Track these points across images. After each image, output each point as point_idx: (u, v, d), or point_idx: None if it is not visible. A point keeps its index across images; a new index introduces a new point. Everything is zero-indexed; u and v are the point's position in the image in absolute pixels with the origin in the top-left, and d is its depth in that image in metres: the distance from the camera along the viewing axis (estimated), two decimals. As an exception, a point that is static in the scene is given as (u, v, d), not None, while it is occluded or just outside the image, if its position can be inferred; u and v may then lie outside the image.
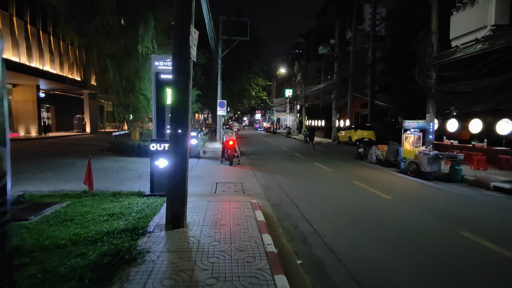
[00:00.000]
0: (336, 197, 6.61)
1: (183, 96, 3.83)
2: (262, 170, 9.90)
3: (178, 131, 3.84)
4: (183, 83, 3.83)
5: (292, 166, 10.99)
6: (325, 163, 11.76)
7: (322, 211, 5.52)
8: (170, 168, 3.88)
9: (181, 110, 3.84)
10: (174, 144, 3.85)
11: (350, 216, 5.21)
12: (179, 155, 3.85)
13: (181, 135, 3.84)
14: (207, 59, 20.98)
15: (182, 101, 3.83)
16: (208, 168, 9.82)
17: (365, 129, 18.36)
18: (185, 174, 3.93)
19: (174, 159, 3.85)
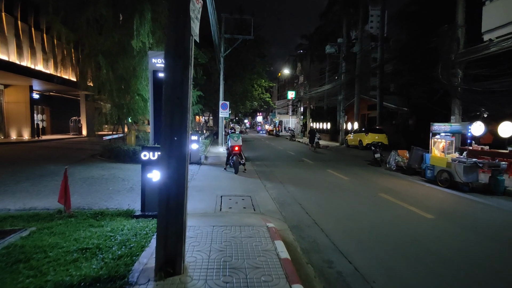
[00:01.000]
0: (366, 215, 5.49)
1: (180, 88, 2.72)
2: (271, 179, 8.79)
3: (174, 137, 2.73)
4: (181, 71, 2.72)
5: (303, 174, 9.88)
6: (339, 170, 10.64)
7: (356, 237, 4.40)
8: (162, 188, 2.76)
9: (177, 108, 2.73)
10: (167, 154, 2.74)
11: (394, 246, 4.09)
12: (175, 169, 2.74)
13: (177, 143, 2.73)
14: (209, 58, 20.01)
15: (179, 95, 2.72)
16: (210, 176, 8.71)
17: (377, 132, 17.25)
18: (183, 196, 2.81)
19: (168, 175, 2.74)
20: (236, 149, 9.31)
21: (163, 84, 2.71)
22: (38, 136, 20.86)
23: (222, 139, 18.90)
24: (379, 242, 4.23)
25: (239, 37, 20.04)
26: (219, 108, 18.32)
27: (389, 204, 6.27)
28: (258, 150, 18.19)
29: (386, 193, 7.14)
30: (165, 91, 2.70)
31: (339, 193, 7.29)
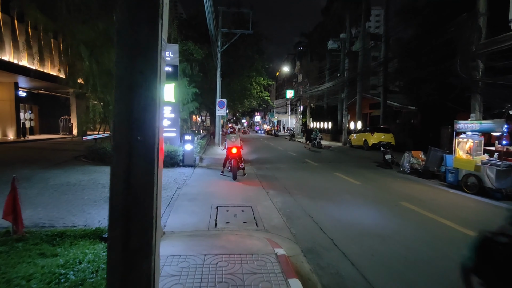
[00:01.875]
0: (393, 232, 4.49)
1: (145, 56, 1.67)
2: (275, 184, 7.78)
3: (136, 137, 1.67)
4: (145, 24, 1.66)
5: (309, 178, 8.88)
6: (348, 173, 9.66)
7: (390, 265, 3.40)
8: (115, 224, 1.71)
9: (140, 90, 1.67)
10: (124, 168, 1.67)
11: (445, 279, 3.10)
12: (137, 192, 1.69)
13: (142, 146, 1.68)
14: (205, 54, 19.01)
15: (142, 69, 1.66)
16: (205, 182, 7.68)
17: (383, 132, 16.29)
18: (151, 240, 1.76)
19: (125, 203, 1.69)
20: (234, 152, 8.13)
21: (116, 48, 1.67)
22: (24, 136, 19.69)
23: (219, 139, 17.88)
24: (424, 274, 3.23)
25: (237, 31, 19.03)
26: (216, 106, 17.30)
27: (417, 216, 5.28)
28: (258, 150, 17.18)
29: (409, 202, 6.16)
30: (118, 59, 1.66)
31: (354, 201, 6.29)
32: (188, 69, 14.75)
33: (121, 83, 1.63)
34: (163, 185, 6.93)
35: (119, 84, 1.62)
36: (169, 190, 6.53)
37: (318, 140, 20.37)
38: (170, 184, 7.15)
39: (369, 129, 17.25)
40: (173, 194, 6.19)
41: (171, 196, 6.03)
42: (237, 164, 8.18)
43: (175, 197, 5.93)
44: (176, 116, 10.48)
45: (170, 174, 8.38)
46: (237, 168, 8.14)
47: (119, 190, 1.65)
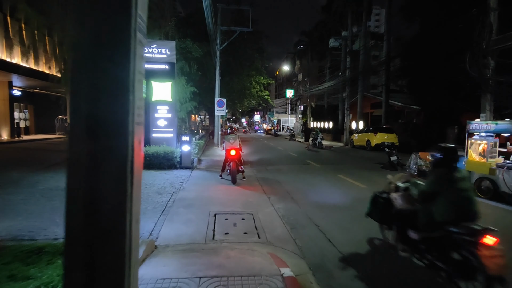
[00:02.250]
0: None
1: (113, 37, 1.25)
2: (276, 188, 7.37)
3: (103, 141, 1.25)
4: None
5: (312, 181, 8.48)
6: (352, 175, 9.26)
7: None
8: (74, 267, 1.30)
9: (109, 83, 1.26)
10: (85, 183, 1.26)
11: None
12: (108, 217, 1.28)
13: (110, 153, 1.25)
14: (204, 53, 18.58)
15: (111, 55, 1.24)
16: (203, 186, 7.26)
17: (386, 132, 15.89)
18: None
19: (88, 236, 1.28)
20: (233, 154, 7.66)
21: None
22: (18, 136, 19.26)
23: (218, 139, 17.46)
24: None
25: (236, 29, 18.61)
26: (215, 106, 16.89)
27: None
28: (258, 151, 16.76)
29: (420, 208, 5.76)
30: (75, 33, 1.23)
31: (361, 207, 5.87)
32: (186, 67, 14.32)
33: (79, 69, 1.20)
34: (159, 190, 6.52)
35: (77, 71, 1.20)
36: (165, 195, 6.11)
37: (319, 140, 19.97)
38: (166, 188, 6.74)
39: (371, 129, 16.84)
40: (169, 199, 5.78)
41: (166, 201, 5.62)
42: (236, 167, 7.72)
43: (171, 203, 5.52)
44: (173, 116, 10.06)
45: (166, 177, 7.96)
46: (236, 171, 7.68)
47: (78, 219, 1.23)
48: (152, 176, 7.97)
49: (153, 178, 7.79)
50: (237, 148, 7.80)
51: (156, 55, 9.87)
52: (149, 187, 6.70)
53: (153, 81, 9.83)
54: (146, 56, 9.80)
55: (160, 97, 9.93)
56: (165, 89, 9.94)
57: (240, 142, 8.17)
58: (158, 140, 9.89)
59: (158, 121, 9.99)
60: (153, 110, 9.91)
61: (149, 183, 7.09)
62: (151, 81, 9.80)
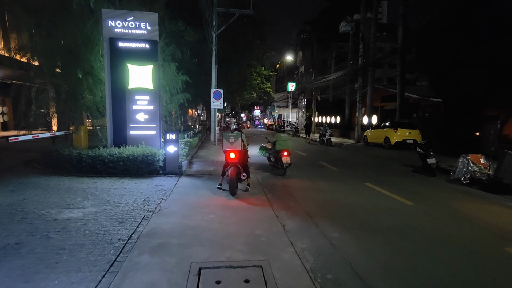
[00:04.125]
0: None
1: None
2: (291, 206, 5.34)
3: None
4: None
5: (336, 194, 6.45)
6: (384, 184, 7.24)
7: None
8: None
9: None
10: None
11: None
12: None
13: None
14: (200, 39, 16.47)
15: None
16: (189, 204, 5.21)
17: (408, 128, 13.82)
18: None
19: None
20: (232, 157, 5.84)
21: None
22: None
23: (215, 137, 15.40)
24: None
25: (235, 11, 16.41)
26: (211, 98, 14.79)
27: None
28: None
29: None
30: None
31: (423, 242, 3.87)
32: (178, 53, 12.23)
33: None
34: (123, 213, 4.48)
35: None
36: (128, 224, 4.08)
37: (328, 137, 17.96)
38: (135, 209, 4.70)
39: (390, 124, 14.73)
40: (131, 234, 3.74)
41: (125, 239, 3.58)
42: (236, 175, 5.78)
43: (131, 243, 3.49)
44: (155, 108, 7.99)
45: (142, 189, 5.92)
46: (236, 180, 5.75)
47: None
48: (123, 188, 5.93)
49: (123, 191, 5.74)
50: (237, 150, 5.86)
51: (133, 30, 7.75)
52: (110, 209, 4.66)
53: (130, 63, 7.73)
54: (120, 32, 7.70)
55: (138, 84, 7.84)
56: (145, 74, 7.85)
57: (244, 142, 6.16)
58: (137, 139, 7.84)
59: (137, 115, 7.92)
60: (130, 101, 7.83)
61: (113, 201, 5.05)
62: (126, 64, 7.70)
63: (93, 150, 7.29)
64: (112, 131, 7.89)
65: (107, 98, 7.80)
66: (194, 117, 35.93)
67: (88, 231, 3.76)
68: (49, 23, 7.86)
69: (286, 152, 8.02)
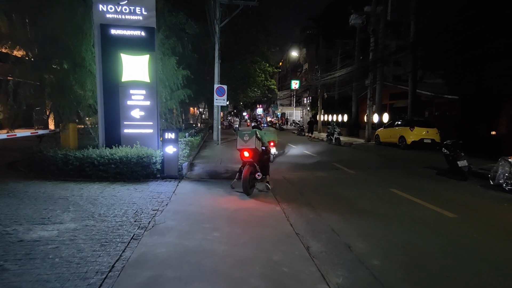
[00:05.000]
0: None
1: None
2: (312, 219, 4.46)
3: None
4: None
5: (360, 203, 5.56)
6: (411, 190, 6.35)
7: None
8: None
9: None
10: None
11: None
12: None
13: None
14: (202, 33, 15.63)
15: None
16: (191, 216, 4.32)
17: (426, 126, 12.87)
18: None
19: None
20: (246, 156, 5.55)
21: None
22: (-17, 131, 16.35)
23: (218, 136, 14.52)
24: None
25: (239, 2, 15.50)
26: (214, 94, 13.91)
27: None
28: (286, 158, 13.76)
29: None
30: None
31: (491, 273, 2.99)
32: (179, 47, 11.39)
33: None
34: (107, 231, 3.62)
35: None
36: (112, 246, 3.22)
37: (337, 136, 17.07)
38: (124, 225, 3.84)
39: (405, 123, 13.74)
40: (114, 262, 2.87)
41: (106, 271, 2.71)
42: (250, 174, 5.46)
43: (112, 278, 2.61)
44: (152, 104, 7.12)
45: (135, 198, 5.06)
46: (249, 180, 5.40)
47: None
48: (113, 196, 5.07)
49: (113, 199, 4.88)
50: (251, 149, 5.50)
51: (127, 16, 6.87)
52: (94, 225, 3.80)
53: (123, 53, 6.86)
54: (113, 17, 6.83)
55: (133, 76, 6.97)
56: (141, 65, 6.98)
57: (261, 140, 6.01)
58: (132, 138, 6.98)
59: (131, 111, 7.05)
60: (124, 96, 6.96)
61: (98, 214, 4.19)
62: (119, 54, 6.83)
63: (82, 151, 6.43)
64: (104, 130, 7.03)
65: (98, 93, 6.93)
66: (195, 115, 35.10)
67: (59, 259, 2.90)
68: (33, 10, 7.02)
69: (272, 143, 8.25)
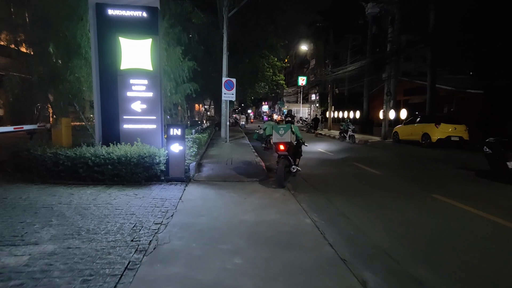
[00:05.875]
0: None
1: None
2: (353, 237, 3.56)
3: None
4: None
5: (402, 211, 4.63)
6: (456, 196, 5.39)
7: None
8: None
9: None
10: None
11: None
12: None
13: None
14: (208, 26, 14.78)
15: None
16: (201, 232, 3.41)
17: (453, 123, 11.78)
18: None
19: None
20: (282, 149, 5.77)
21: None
22: (-19, 128, 15.68)
23: (226, 133, 13.62)
24: None
25: (248, -10, 14.50)
26: (222, 88, 12.98)
27: None
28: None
29: None
30: None
31: None
32: (185, 37, 10.52)
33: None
34: (93, 257, 2.74)
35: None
36: (99, 281, 2.34)
37: (351, 133, 16.10)
38: (117, 246, 2.95)
39: (430, 119, 12.63)
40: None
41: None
42: (284, 166, 5.70)
43: None
44: (155, 95, 6.24)
45: (133, 206, 4.19)
46: (284, 173, 5.67)
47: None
48: (107, 204, 4.21)
49: (107, 209, 4.02)
50: (287, 142, 5.68)
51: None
52: (78, 245, 2.92)
53: (122, 37, 5.96)
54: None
55: (134, 64, 6.08)
56: (142, 51, 6.09)
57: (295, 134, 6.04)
58: (133, 134, 6.10)
59: (132, 104, 6.17)
60: (123, 86, 6.07)
61: (86, 229, 3.32)
62: (118, 38, 5.94)
63: (74, 150, 5.58)
64: (101, 125, 6.17)
65: (94, 83, 6.06)
66: (201, 112, 34.24)
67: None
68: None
69: None
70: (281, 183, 5.57)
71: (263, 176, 6.46)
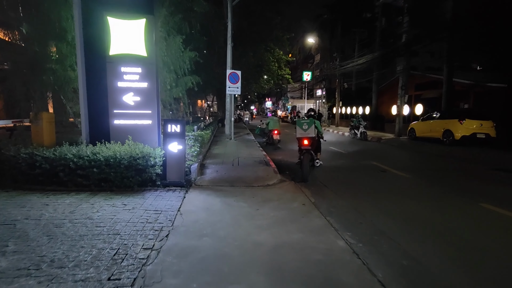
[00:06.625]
0: None
1: None
2: (404, 263, 2.65)
3: None
4: None
5: (446, 225, 3.72)
6: (505, 203, 4.48)
7: None
8: None
9: None
10: None
11: None
12: None
13: None
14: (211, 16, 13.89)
15: None
16: (204, 262, 2.55)
17: (478, 118, 10.77)
18: None
19: None
20: (306, 144, 5.87)
21: None
22: (-27, 124, 14.93)
23: (231, 130, 12.70)
24: None
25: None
26: (226, 81, 12.05)
27: None
28: (288, 145, 11.88)
29: None
30: None
31: None
32: (186, 27, 9.66)
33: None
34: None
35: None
36: None
37: (363, 130, 15.17)
38: (89, 286, 2.09)
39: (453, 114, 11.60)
40: None
41: None
42: (308, 161, 5.86)
43: None
44: (151, 86, 5.35)
45: (119, 222, 3.32)
46: (308, 166, 5.83)
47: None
48: (87, 220, 3.34)
49: (86, 226, 3.15)
50: (311, 137, 5.88)
51: (116, -35, 5.06)
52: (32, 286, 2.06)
53: (111, 16, 5.06)
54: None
55: (125, 48, 5.18)
56: (135, 33, 5.19)
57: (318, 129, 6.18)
58: (124, 131, 5.22)
59: (124, 96, 5.28)
60: (113, 74, 5.18)
61: (51, 259, 2.46)
62: (106, 17, 5.03)
63: (54, 150, 4.71)
64: (88, 120, 5.29)
65: (80, 70, 5.17)
66: (203, 108, 33.32)
67: None
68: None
69: (276, 131, 10.87)
70: (306, 178, 5.70)
71: (276, 180, 5.57)
